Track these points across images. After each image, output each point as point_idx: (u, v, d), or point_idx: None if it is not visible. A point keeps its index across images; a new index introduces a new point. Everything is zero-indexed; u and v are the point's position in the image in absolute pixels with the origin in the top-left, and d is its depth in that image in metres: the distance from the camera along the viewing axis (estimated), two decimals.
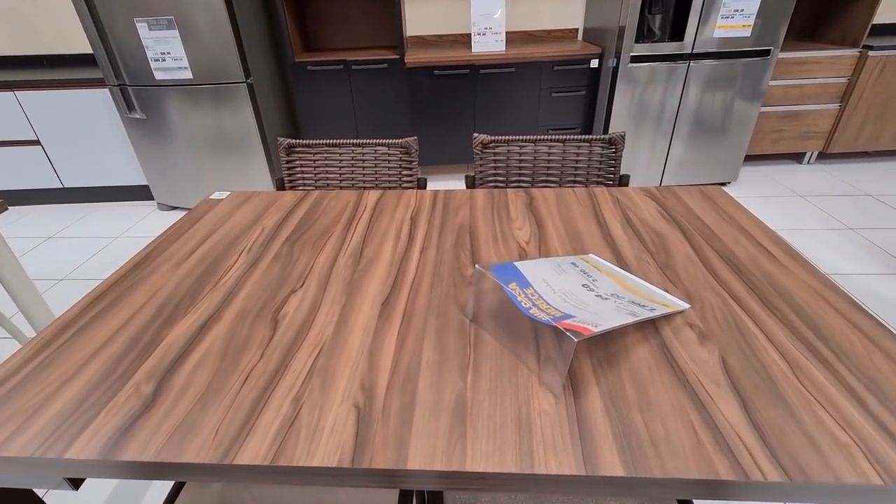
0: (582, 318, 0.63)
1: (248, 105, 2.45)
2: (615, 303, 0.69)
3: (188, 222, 1.06)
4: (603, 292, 0.73)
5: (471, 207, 1.08)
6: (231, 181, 2.65)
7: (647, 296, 0.74)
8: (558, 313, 0.64)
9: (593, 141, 1.19)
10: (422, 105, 2.71)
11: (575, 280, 0.75)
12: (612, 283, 0.76)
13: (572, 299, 0.69)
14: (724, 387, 0.59)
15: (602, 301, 0.70)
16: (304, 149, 1.29)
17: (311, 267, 0.88)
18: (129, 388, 0.63)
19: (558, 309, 0.65)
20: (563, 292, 0.70)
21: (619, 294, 0.73)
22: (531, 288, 0.70)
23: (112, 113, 2.59)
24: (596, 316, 0.64)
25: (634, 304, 0.70)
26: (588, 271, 0.78)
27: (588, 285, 0.74)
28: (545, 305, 0.66)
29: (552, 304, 0.67)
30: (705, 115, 2.58)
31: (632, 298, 0.72)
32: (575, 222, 0.99)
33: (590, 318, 0.63)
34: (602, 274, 0.79)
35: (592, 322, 0.61)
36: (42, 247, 2.47)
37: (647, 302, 0.71)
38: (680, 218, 0.99)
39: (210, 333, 0.72)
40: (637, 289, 0.76)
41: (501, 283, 0.69)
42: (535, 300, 0.67)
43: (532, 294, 0.69)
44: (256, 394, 0.61)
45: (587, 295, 0.71)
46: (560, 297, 0.69)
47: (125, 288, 0.83)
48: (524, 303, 0.67)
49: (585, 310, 0.66)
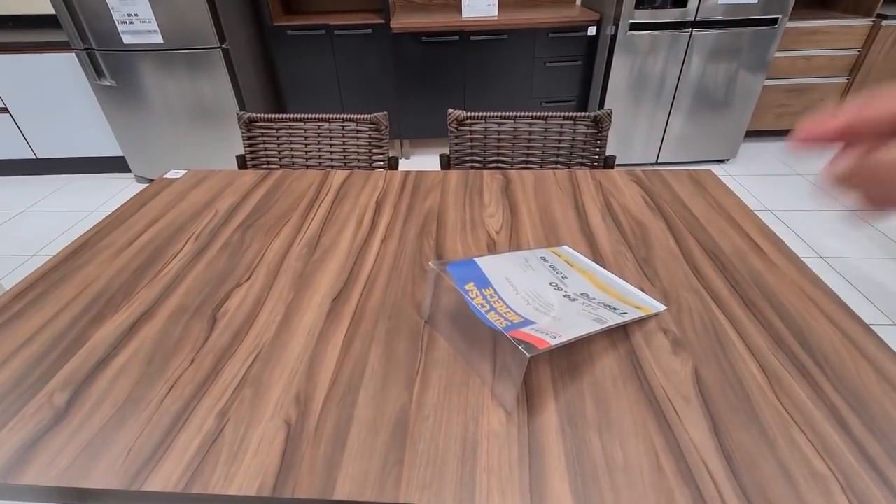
0: (542, 325, 0.57)
1: (224, 72, 2.31)
2: (583, 305, 0.63)
3: (136, 204, 0.98)
4: (572, 292, 0.66)
5: (442, 191, 1.00)
6: (210, 153, 2.55)
7: (621, 296, 0.68)
8: (517, 318, 0.58)
9: (577, 119, 1.10)
10: (408, 74, 2.58)
11: (542, 278, 0.68)
12: (583, 281, 0.70)
13: (536, 301, 0.62)
14: (694, 404, 0.53)
15: (569, 303, 0.63)
16: (266, 123, 1.19)
17: (262, 257, 0.81)
18: (42, 397, 0.57)
19: (518, 313, 0.59)
20: (526, 293, 0.64)
21: (590, 294, 0.67)
22: (491, 288, 0.64)
23: (82, 80, 2.46)
24: (558, 323, 0.58)
25: (604, 308, 0.63)
26: (558, 267, 0.72)
27: (556, 283, 0.67)
28: (504, 309, 0.60)
29: (512, 307, 0.61)
30: (707, 88, 2.45)
31: (603, 299, 0.66)
32: (552, 210, 0.92)
33: (551, 326, 0.56)
34: (574, 270, 0.72)
35: (553, 331, 0.55)
36: (14, 221, 2.39)
37: (619, 304, 0.65)
38: (665, 205, 0.92)
39: (140, 333, 0.66)
40: (610, 288, 0.70)
41: (457, 284, 0.63)
42: (494, 302, 0.61)
43: (491, 295, 0.62)
44: (180, 406, 0.55)
45: (553, 295, 0.65)
46: (523, 299, 0.62)
47: (55, 280, 0.77)
48: (481, 306, 0.60)
49: (548, 314, 0.60)
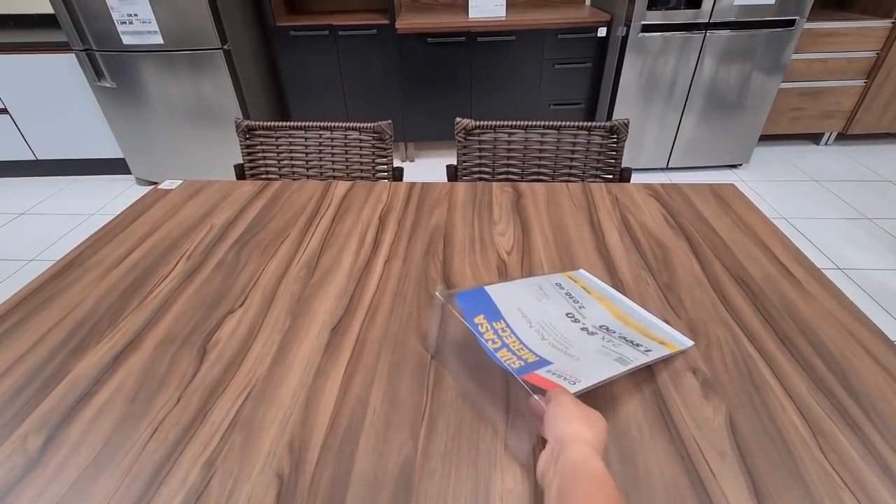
0: (559, 366, 0.51)
1: (226, 74, 2.27)
2: (603, 341, 0.58)
3: (127, 218, 0.94)
4: (591, 324, 0.61)
5: (449, 205, 0.95)
6: (211, 156, 2.50)
7: (643, 328, 0.62)
8: (532, 357, 0.53)
9: (592, 129, 1.04)
10: (413, 75, 2.52)
11: (558, 307, 0.63)
12: (602, 311, 0.64)
13: (552, 335, 0.57)
14: (730, 459, 0.48)
15: (587, 337, 0.58)
16: (265, 132, 1.14)
17: (258, 279, 0.76)
18: (15, 440, 0.52)
19: (532, 350, 0.54)
20: (541, 325, 0.58)
21: (610, 326, 0.61)
22: (503, 321, 0.58)
23: (82, 80, 2.42)
24: (576, 363, 0.52)
25: (626, 343, 0.58)
26: (575, 294, 0.66)
27: (573, 314, 0.62)
28: (517, 345, 0.55)
29: (526, 343, 0.55)
30: (720, 91, 2.38)
31: (624, 332, 0.60)
32: (566, 227, 0.86)
33: (568, 368, 0.51)
34: (591, 297, 0.67)
35: (571, 375, 0.50)
36: (14, 223, 2.35)
37: (641, 338, 0.60)
38: (687, 224, 0.86)
39: (124, 366, 0.61)
40: (631, 318, 0.64)
41: (466, 317, 0.58)
42: (506, 338, 0.56)
43: (503, 329, 0.57)
44: (163, 453, 0.50)
45: (571, 329, 0.59)
46: (537, 333, 0.57)
47: (38, 303, 0.72)
48: (492, 342, 0.55)
49: (566, 351, 0.55)
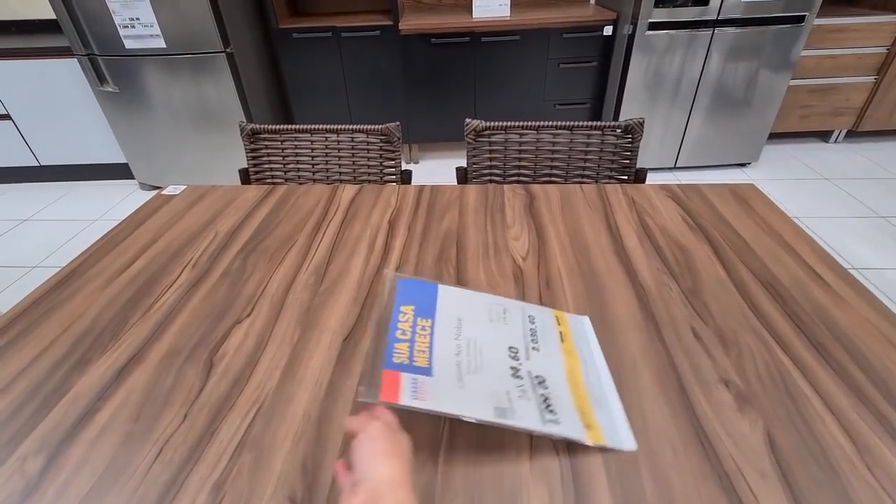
0: (431, 381, 0.49)
1: (228, 77, 2.25)
2: (518, 388, 0.51)
3: (130, 226, 0.91)
4: (527, 369, 0.54)
5: (460, 209, 0.92)
6: (214, 160, 2.48)
7: (585, 402, 0.52)
8: (422, 362, 0.51)
9: (606, 129, 1.01)
10: (417, 77, 2.50)
11: (507, 338, 0.57)
12: (556, 363, 0.56)
13: (469, 357, 0.53)
14: (771, 479, 0.45)
15: (508, 378, 0.52)
16: (270, 135, 1.12)
17: (265, 287, 0.74)
18: (14, 462, 0.50)
19: (431, 358, 0.52)
20: (468, 343, 0.55)
21: (548, 380, 0.53)
22: (430, 320, 0.57)
23: (84, 85, 2.40)
24: (456, 391, 0.49)
25: (540, 403, 0.50)
26: (541, 335, 0.59)
27: (517, 352, 0.55)
28: (422, 346, 0.53)
29: (434, 349, 0.53)
30: (728, 89, 2.35)
31: (555, 394, 0.52)
32: (582, 231, 0.84)
33: (440, 388, 0.48)
34: (558, 347, 0.58)
35: (432, 395, 0.47)
36: (17, 229, 2.34)
37: (567, 409, 0.51)
38: (708, 226, 0.83)
39: (127, 382, 0.58)
40: (583, 387, 0.54)
41: (395, 300, 0.57)
42: (419, 335, 0.54)
43: (423, 328, 0.56)
44: (169, 475, 0.48)
45: (499, 361, 0.54)
46: (455, 348, 0.54)
47: (39, 315, 0.70)
48: (400, 333, 0.54)
49: (462, 377, 0.51)
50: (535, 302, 0.67)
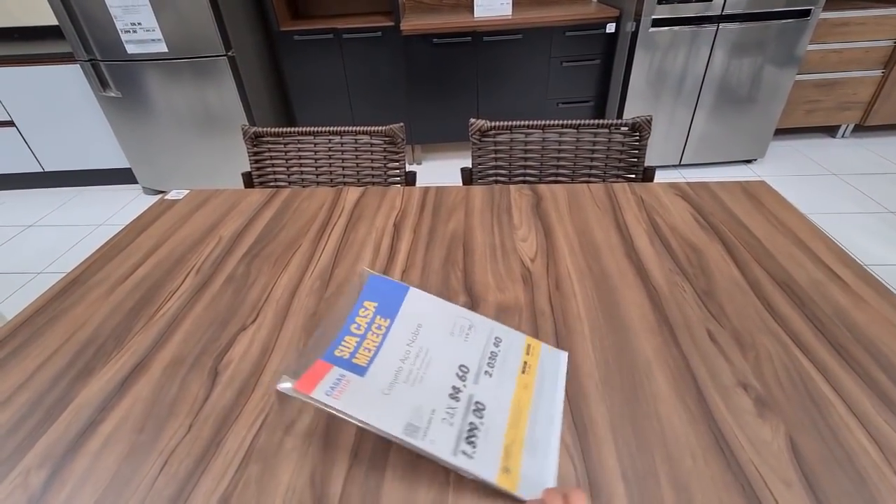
0: (362, 386, 0.49)
1: (230, 80, 2.24)
2: (448, 412, 0.48)
3: (132, 232, 0.90)
4: (470, 392, 0.51)
5: (466, 210, 0.91)
6: (217, 164, 2.48)
7: (517, 443, 0.47)
8: (362, 361, 0.52)
9: (613, 127, 1.00)
10: (419, 77, 2.49)
11: (460, 356, 0.54)
12: (505, 394, 0.51)
13: (413, 366, 0.52)
14: (796, 488, 0.43)
15: (440, 398, 0.49)
16: (273, 138, 1.11)
17: (270, 292, 0.72)
18: (17, 475, 0.49)
19: (373, 358, 0.52)
20: (419, 352, 0.54)
21: (488, 408, 0.49)
22: (388, 321, 0.57)
23: (87, 91, 2.41)
24: (379, 398, 0.48)
25: (465, 439, 0.46)
26: (501, 360, 0.54)
27: (466, 373, 0.52)
28: (371, 345, 0.54)
29: (381, 350, 0.54)
30: (733, 85, 2.33)
31: (487, 425, 0.48)
32: (591, 231, 0.82)
33: (361, 394, 0.48)
34: (514, 377, 0.53)
35: (352, 398, 0.47)
36: (21, 236, 2.34)
37: (492, 445, 0.47)
38: (719, 225, 0.81)
39: (132, 391, 0.57)
40: (523, 427, 0.49)
41: (360, 295, 0.59)
42: (372, 334, 0.55)
43: (378, 327, 0.56)
44: (174, 489, 0.47)
45: (442, 378, 0.51)
46: (403, 353, 0.54)
47: (41, 324, 0.69)
48: (355, 328, 0.55)
49: (394, 384, 0.50)
50: (546, 306, 0.66)
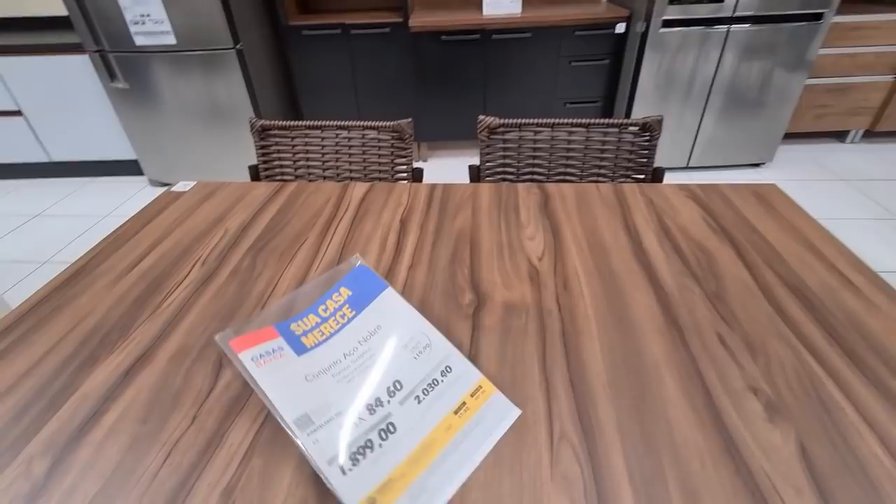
0: (288, 365, 0.52)
1: (238, 74, 2.25)
2: (354, 421, 0.47)
3: (139, 222, 0.90)
4: (388, 411, 0.49)
5: (473, 208, 0.90)
6: (223, 157, 2.48)
7: (394, 486, 0.44)
8: (307, 342, 0.55)
9: (623, 126, 0.99)
10: (427, 75, 2.48)
11: (402, 370, 0.53)
12: (422, 430, 0.48)
13: (351, 363, 0.53)
14: (807, 496, 0.43)
15: (355, 405, 0.49)
16: (280, 132, 1.10)
17: (275, 286, 0.72)
18: (20, 463, 0.49)
19: (317, 343, 0.55)
20: (365, 352, 0.55)
21: (393, 441, 0.47)
22: (354, 313, 0.59)
23: (96, 82, 2.41)
24: (299, 383, 0.51)
25: (351, 456, 0.45)
26: (442, 392, 0.51)
27: (397, 392, 0.51)
28: (328, 329, 0.57)
29: (332, 339, 0.56)
30: (742, 88, 2.31)
31: (381, 456, 0.45)
32: (599, 231, 0.81)
33: (285, 372, 0.51)
34: (442, 417, 0.49)
35: (275, 372, 0.51)
36: (28, 225, 2.35)
37: (365, 479, 0.44)
38: (730, 228, 0.80)
39: (136, 382, 0.57)
40: (415, 473, 0.45)
41: (339, 280, 0.62)
42: (332, 320, 0.57)
43: (342, 316, 0.58)
44: (177, 480, 0.46)
45: (368, 388, 0.51)
46: (348, 347, 0.55)
47: (47, 313, 0.69)
48: (322, 310, 0.58)
49: (318, 376, 0.52)
50: (553, 305, 0.65)
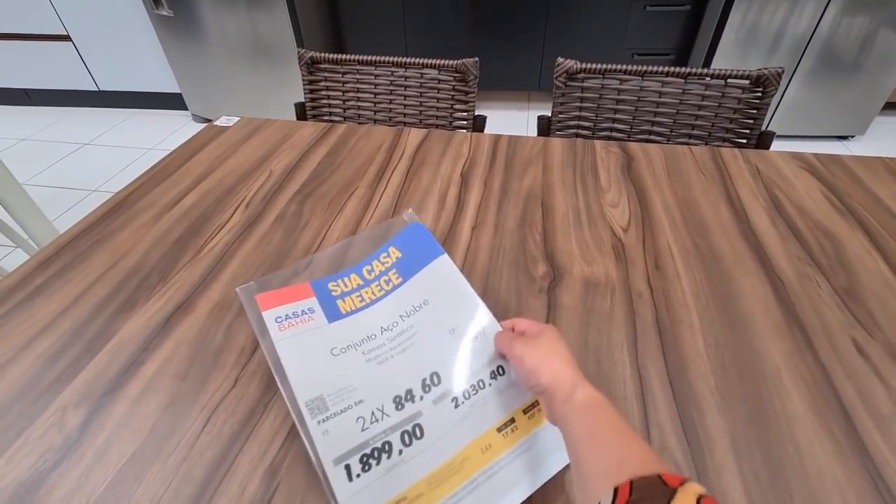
0: (317, 336, 0.45)
1: (283, 8, 2.11)
2: (375, 415, 0.39)
3: (181, 157, 0.84)
4: (420, 409, 0.40)
5: (544, 165, 0.79)
6: (267, 95, 2.40)
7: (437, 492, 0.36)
8: (343, 308, 0.48)
9: (730, 78, 0.83)
10: (482, 16, 2.27)
11: (447, 360, 0.43)
12: (458, 440, 0.38)
13: (385, 342, 0.45)
14: None
15: (381, 396, 0.40)
16: (330, 66, 1.00)
17: (324, 237, 0.65)
18: (53, 412, 0.45)
19: (353, 311, 0.48)
20: (405, 329, 0.46)
21: (422, 445, 0.38)
22: (401, 280, 0.50)
23: (141, 8, 2.33)
24: (322, 358, 0.43)
25: (360, 455, 0.37)
26: (487, 398, 0.40)
27: (432, 386, 0.41)
28: (368, 296, 0.49)
29: (371, 308, 0.48)
30: (843, 47, 2.00)
31: (401, 464, 0.37)
32: (696, 202, 0.69)
33: (310, 342, 0.44)
34: (485, 431, 0.39)
35: (301, 341, 0.44)
36: (78, 153, 2.38)
37: (371, 493, 0.36)
38: (860, 210, 0.67)
39: (175, 332, 0.52)
40: (431, 498, 0.36)
41: (391, 240, 0.54)
42: (379, 284, 0.50)
43: (387, 282, 0.50)
44: (218, 451, 0.41)
45: (399, 378, 0.42)
46: (387, 321, 0.47)
47: (86, 246, 0.64)
48: (368, 271, 0.51)
49: (345, 352, 0.44)
50: (644, 287, 0.56)
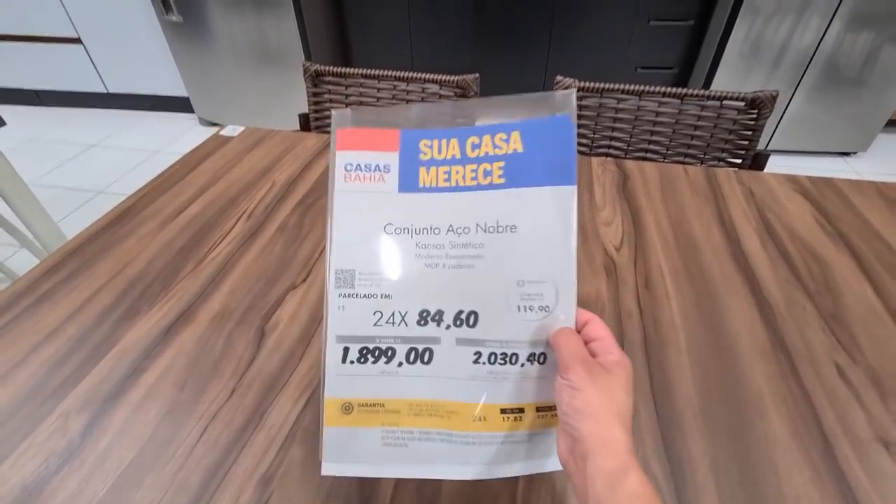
0: (405, 207, 0.37)
1: (291, 15, 2.14)
2: (401, 317, 0.36)
3: (187, 165, 0.86)
4: (438, 335, 0.36)
5: None
6: (273, 101, 2.43)
7: (381, 411, 0.35)
8: (425, 182, 0.37)
9: (726, 100, 0.85)
10: (487, 26, 2.30)
11: (486, 310, 0.36)
12: (445, 385, 0.36)
13: (455, 252, 0.36)
14: None
15: (412, 304, 0.36)
16: (334, 79, 1.02)
17: (322, 250, 0.67)
18: (57, 417, 0.46)
19: (440, 191, 0.37)
20: (476, 250, 0.36)
21: (429, 363, 0.36)
22: (502, 191, 0.36)
23: (151, 13, 2.37)
24: (378, 240, 0.36)
25: (360, 346, 0.35)
26: (513, 374, 0.35)
27: (471, 323, 0.36)
28: (469, 177, 0.37)
29: (461, 195, 0.37)
30: (847, 63, 2.02)
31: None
32: (688, 223, 0.71)
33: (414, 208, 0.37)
34: (482, 401, 0.35)
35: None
36: (83, 155, 2.41)
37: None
38: (850, 234, 0.68)
39: (176, 341, 0.54)
40: (420, 416, 0.35)
41: (517, 123, 0.37)
42: (476, 174, 0.37)
43: (486, 173, 0.37)
44: (213, 460, 0.43)
45: (449, 300, 0.36)
46: (463, 224, 0.36)
47: (91, 254, 0.66)
48: (474, 146, 0.37)
49: (412, 247, 0.36)
50: (633, 306, 0.57)
